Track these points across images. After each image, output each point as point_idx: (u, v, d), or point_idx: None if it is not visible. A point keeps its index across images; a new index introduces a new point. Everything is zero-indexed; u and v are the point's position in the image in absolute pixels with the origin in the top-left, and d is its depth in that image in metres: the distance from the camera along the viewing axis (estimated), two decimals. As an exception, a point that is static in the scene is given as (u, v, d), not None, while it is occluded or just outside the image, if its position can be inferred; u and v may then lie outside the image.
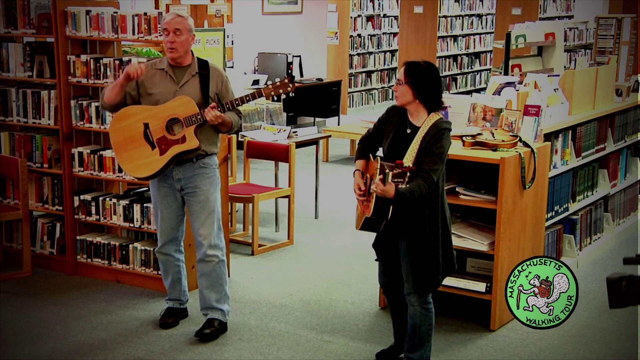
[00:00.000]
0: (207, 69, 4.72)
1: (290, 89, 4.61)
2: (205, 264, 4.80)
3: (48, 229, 5.95)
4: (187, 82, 4.69)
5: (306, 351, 4.70)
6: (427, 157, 3.91)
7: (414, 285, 4.11)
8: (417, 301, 4.14)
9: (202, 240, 4.77)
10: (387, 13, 15.24)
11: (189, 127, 4.59)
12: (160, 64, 4.76)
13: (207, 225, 4.76)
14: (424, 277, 4.09)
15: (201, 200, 4.75)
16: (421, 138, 3.96)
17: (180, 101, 4.61)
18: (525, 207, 5.03)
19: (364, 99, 14.84)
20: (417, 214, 4.01)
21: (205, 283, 4.84)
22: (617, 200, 6.84)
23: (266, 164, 8.23)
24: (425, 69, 4.01)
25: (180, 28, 4.60)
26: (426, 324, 4.19)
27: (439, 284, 4.15)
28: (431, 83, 4.00)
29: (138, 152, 4.69)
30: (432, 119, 4.00)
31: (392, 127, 4.11)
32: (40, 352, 4.65)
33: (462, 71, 15.84)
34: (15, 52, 5.79)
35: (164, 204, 4.83)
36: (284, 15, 12.12)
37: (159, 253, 4.99)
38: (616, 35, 10.34)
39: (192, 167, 4.73)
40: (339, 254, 6.48)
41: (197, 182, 4.74)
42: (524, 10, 12.62)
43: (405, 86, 3.99)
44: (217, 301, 4.85)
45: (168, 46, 4.62)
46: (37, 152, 5.84)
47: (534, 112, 5.24)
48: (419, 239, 4.05)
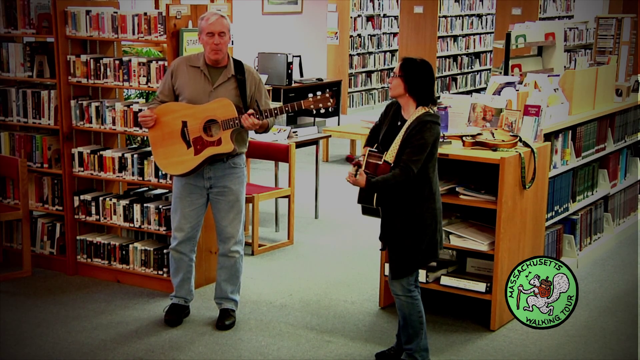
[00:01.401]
0: (243, 72, 4.74)
1: (330, 103, 4.66)
2: (228, 259, 4.92)
3: (48, 229, 5.95)
4: (222, 84, 4.71)
5: (306, 351, 4.70)
6: (408, 148, 4.08)
7: (393, 270, 4.25)
8: (401, 290, 4.26)
9: (229, 238, 4.88)
10: (387, 13, 15.24)
11: (225, 130, 4.63)
12: (196, 60, 4.76)
13: (236, 224, 4.88)
14: (400, 262, 4.22)
15: (231, 199, 4.83)
16: (404, 130, 4.13)
17: (220, 103, 4.64)
18: (525, 207, 5.03)
19: (364, 99, 14.84)
20: (399, 201, 4.17)
21: (223, 275, 4.96)
22: (617, 200, 6.84)
23: (266, 164, 8.23)
24: (419, 66, 4.17)
25: (224, 30, 4.65)
26: (415, 312, 4.28)
27: (414, 269, 4.26)
28: (423, 79, 4.16)
29: (173, 149, 4.73)
30: (418, 113, 4.15)
31: (388, 120, 4.31)
32: (40, 352, 4.65)
33: (462, 71, 15.83)
34: (15, 52, 5.79)
35: (187, 201, 4.85)
36: (284, 15, 12.12)
37: (175, 251, 4.99)
38: (616, 35, 10.33)
39: (223, 167, 4.78)
40: (339, 254, 6.48)
41: (227, 182, 4.81)
42: (524, 10, 12.61)
43: (398, 79, 4.17)
44: (232, 292, 5.01)
45: (213, 48, 4.63)
46: (37, 152, 5.84)
47: (534, 112, 5.24)
48: (400, 226, 4.20)
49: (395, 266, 4.24)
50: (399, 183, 4.07)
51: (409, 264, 4.22)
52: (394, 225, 4.22)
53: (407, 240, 4.19)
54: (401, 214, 4.18)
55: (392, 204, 4.19)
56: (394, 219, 4.21)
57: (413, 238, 4.19)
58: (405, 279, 4.23)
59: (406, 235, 4.19)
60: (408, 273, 4.24)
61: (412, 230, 4.18)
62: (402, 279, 4.23)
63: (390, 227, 4.24)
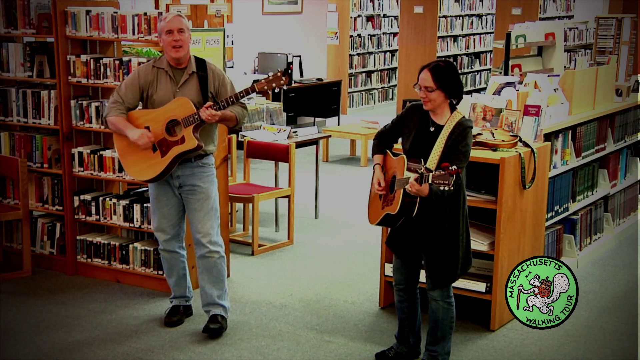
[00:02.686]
0: (205, 68, 4.74)
1: (283, 82, 4.62)
2: (207, 260, 4.82)
3: (48, 229, 5.95)
4: (185, 82, 4.72)
5: (306, 351, 4.70)
6: (454, 155, 3.98)
7: (435, 280, 4.19)
8: (440, 296, 4.23)
9: (201, 238, 4.79)
10: (387, 13, 15.24)
11: (187, 127, 4.62)
12: (160, 62, 4.78)
13: (207, 222, 4.79)
14: (443, 271, 4.17)
15: (201, 198, 4.78)
16: (446, 136, 4.01)
17: (178, 102, 4.66)
18: (525, 207, 5.03)
19: (364, 99, 14.84)
20: (439, 211, 4.08)
21: (206, 279, 4.87)
22: (617, 200, 6.84)
23: (266, 164, 8.23)
24: (448, 69, 4.07)
25: (183, 27, 4.65)
26: (448, 317, 4.27)
27: (457, 277, 4.22)
28: (457, 81, 4.08)
29: (141, 156, 4.73)
30: (456, 118, 4.06)
31: (414, 125, 4.16)
32: (40, 352, 4.65)
33: (462, 71, 15.81)
34: (15, 52, 5.79)
35: (163, 201, 4.86)
36: (284, 15, 12.12)
37: (164, 251, 5.00)
38: (616, 35, 10.33)
39: (191, 166, 4.76)
40: (339, 254, 6.48)
41: (196, 180, 4.77)
42: (524, 10, 12.60)
43: (437, 91, 4.04)
44: (219, 297, 4.89)
45: (173, 45, 4.63)
46: (37, 152, 5.84)
47: (534, 112, 5.24)
48: (440, 235, 4.13)
49: (438, 276, 4.18)
50: (451, 192, 3.92)
51: (452, 272, 4.17)
52: (433, 234, 4.13)
53: (448, 248, 4.13)
54: (439, 222, 4.10)
55: (432, 213, 4.09)
56: (432, 228, 4.12)
57: (453, 246, 4.13)
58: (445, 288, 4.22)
59: (446, 244, 4.13)
60: (451, 281, 4.20)
61: (451, 238, 4.12)
62: (442, 289, 4.21)
63: (429, 236, 4.15)
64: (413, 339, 4.53)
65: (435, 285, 4.21)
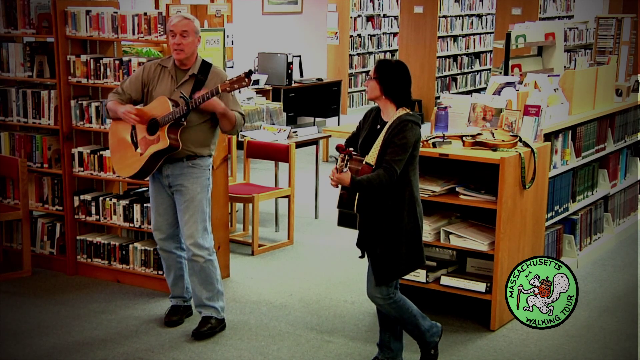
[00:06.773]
0: (207, 72, 4.74)
1: (245, 83, 4.61)
2: (194, 263, 4.82)
3: (48, 229, 5.95)
4: (183, 83, 4.73)
5: (306, 351, 4.70)
6: (390, 148, 4.01)
7: (377, 276, 4.13)
8: (379, 295, 4.16)
9: (185, 240, 4.80)
10: (387, 13, 15.23)
11: (163, 126, 4.62)
12: (167, 62, 4.81)
13: (191, 224, 4.76)
14: (384, 267, 4.11)
15: (187, 199, 4.77)
16: (385, 131, 4.07)
17: (158, 102, 4.68)
18: (525, 207, 5.03)
19: (364, 99, 14.83)
20: (380, 205, 4.08)
21: (196, 281, 4.87)
22: (617, 200, 6.84)
23: (266, 164, 8.23)
24: (394, 67, 4.14)
25: (187, 30, 4.64)
26: (405, 311, 4.22)
27: (401, 274, 4.16)
28: (399, 80, 4.11)
29: (125, 153, 4.80)
30: (399, 113, 4.10)
31: (367, 125, 4.24)
32: (40, 352, 4.66)
33: (462, 71, 15.82)
34: (15, 52, 5.79)
35: (158, 200, 4.89)
36: (284, 15, 12.12)
37: (161, 250, 5.02)
38: (616, 35, 10.33)
39: (181, 166, 4.76)
40: (339, 254, 6.48)
41: (184, 181, 4.77)
42: (524, 10, 12.60)
43: (374, 82, 4.12)
44: (209, 299, 4.87)
45: (174, 47, 4.65)
46: (37, 152, 5.84)
47: (534, 112, 5.24)
48: (381, 229, 4.10)
49: (379, 271, 4.12)
50: (383, 183, 3.96)
51: (392, 271, 4.11)
52: (374, 231, 4.11)
53: (388, 246, 4.09)
54: (381, 219, 4.08)
55: (373, 208, 4.08)
56: (374, 225, 4.11)
57: (394, 244, 4.08)
58: (384, 287, 4.15)
59: (387, 241, 4.09)
60: (390, 280, 4.14)
61: (393, 235, 4.08)
62: (382, 287, 4.15)
63: (371, 233, 4.14)
64: (396, 344, 4.42)
65: (378, 281, 4.13)
